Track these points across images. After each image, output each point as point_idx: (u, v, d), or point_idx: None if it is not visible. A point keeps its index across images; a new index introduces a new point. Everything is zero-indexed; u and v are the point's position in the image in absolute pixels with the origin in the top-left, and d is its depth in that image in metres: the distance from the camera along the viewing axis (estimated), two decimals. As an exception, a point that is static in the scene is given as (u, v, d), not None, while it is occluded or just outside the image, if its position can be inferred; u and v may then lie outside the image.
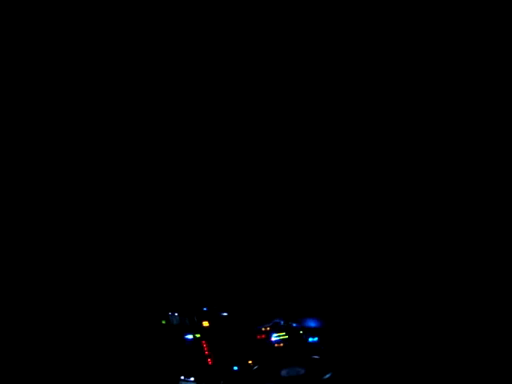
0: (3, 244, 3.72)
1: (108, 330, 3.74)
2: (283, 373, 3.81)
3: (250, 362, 3.82)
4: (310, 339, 3.96)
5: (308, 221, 4.04)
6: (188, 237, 3.95)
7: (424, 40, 3.79)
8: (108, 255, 3.85)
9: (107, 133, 3.91)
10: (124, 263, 3.86)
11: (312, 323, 3.99)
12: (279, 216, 4.04)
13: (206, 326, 3.89)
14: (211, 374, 3.73)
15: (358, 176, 4.02)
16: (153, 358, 3.71)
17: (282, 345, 3.95)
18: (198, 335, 3.85)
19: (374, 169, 4.00)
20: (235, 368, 3.79)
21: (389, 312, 3.96)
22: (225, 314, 3.93)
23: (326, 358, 3.90)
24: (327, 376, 3.83)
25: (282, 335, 3.95)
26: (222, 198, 4.02)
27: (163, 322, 3.85)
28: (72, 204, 3.90)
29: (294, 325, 3.99)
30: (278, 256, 4.02)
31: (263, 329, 3.95)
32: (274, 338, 3.95)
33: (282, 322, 3.96)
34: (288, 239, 4.03)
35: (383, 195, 4.01)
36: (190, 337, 3.84)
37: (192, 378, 3.64)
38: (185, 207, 3.99)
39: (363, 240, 4.03)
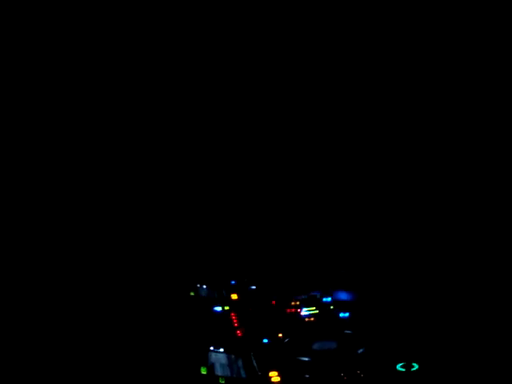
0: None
1: (134, 301, 3.69)
2: (315, 346, 3.70)
3: (280, 335, 3.72)
4: (341, 314, 3.86)
5: (339, 199, 4.04)
6: (217, 210, 3.96)
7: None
8: (134, 226, 3.85)
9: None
10: (152, 234, 3.86)
11: (343, 297, 3.91)
12: (309, 192, 4.05)
13: (235, 299, 3.83)
14: (241, 346, 3.63)
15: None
16: (182, 329, 3.64)
17: (312, 319, 3.86)
18: (226, 307, 3.78)
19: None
20: (265, 340, 3.69)
21: (421, 286, 3.87)
22: (253, 287, 3.87)
23: (358, 333, 3.78)
24: (360, 351, 3.71)
25: (313, 310, 3.87)
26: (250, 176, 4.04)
27: (192, 294, 3.79)
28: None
29: (324, 299, 3.91)
30: (307, 229, 4.00)
31: (293, 303, 3.87)
32: (304, 312, 3.87)
33: (318, 295, 3.88)
34: (317, 214, 4.02)
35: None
36: (218, 309, 3.78)
37: (222, 349, 3.53)
38: (213, 185, 4.02)
39: (396, 215, 4.00)
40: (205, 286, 3.81)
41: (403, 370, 3.36)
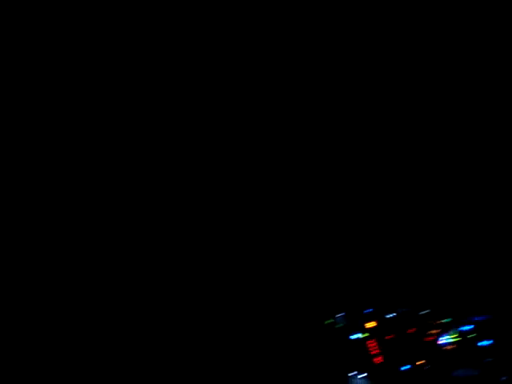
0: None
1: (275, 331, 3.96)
2: (456, 373, 3.67)
3: (419, 362, 3.76)
4: (482, 342, 3.79)
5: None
6: (354, 243, 4.13)
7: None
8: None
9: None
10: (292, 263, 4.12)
11: (485, 325, 3.83)
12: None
13: (372, 327, 3.94)
14: (380, 373, 3.72)
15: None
16: (321, 356, 3.83)
17: (452, 347, 3.83)
18: (364, 335, 3.90)
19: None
20: (405, 367, 3.74)
21: None
22: (391, 315, 3.95)
23: (500, 361, 3.68)
24: (503, 379, 3.61)
25: (454, 337, 3.84)
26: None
27: (328, 322, 3.97)
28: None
29: (465, 328, 3.86)
30: (440, 257, 4.01)
31: (432, 331, 3.88)
32: (443, 340, 3.85)
33: (453, 325, 3.86)
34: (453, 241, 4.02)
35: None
36: (355, 336, 3.91)
37: (362, 375, 3.67)
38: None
39: None
40: (342, 315, 3.97)
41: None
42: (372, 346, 3.88)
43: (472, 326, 3.85)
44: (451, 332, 3.86)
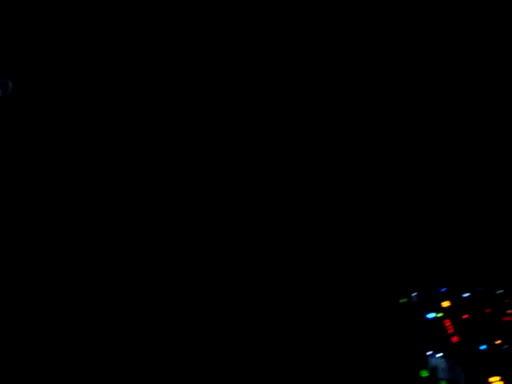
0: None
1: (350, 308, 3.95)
2: (536, 354, 3.63)
3: (497, 342, 3.72)
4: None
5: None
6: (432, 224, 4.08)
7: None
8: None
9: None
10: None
11: None
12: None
13: (447, 306, 3.91)
14: (458, 352, 3.70)
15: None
16: (396, 334, 3.81)
17: (530, 327, 3.78)
18: (439, 314, 3.87)
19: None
20: (482, 347, 3.71)
21: None
22: (466, 294, 3.92)
23: None
24: None
25: (531, 317, 3.80)
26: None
27: (403, 301, 3.95)
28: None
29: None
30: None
31: (509, 311, 3.84)
32: (522, 320, 3.81)
33: None
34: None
35: None
36: (431, 315, 3.88)
37: (440, 354, 3.65)
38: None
39: None
40: (415, 294, 3.94)
41: None
42: (448, 325, 3.86)
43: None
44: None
